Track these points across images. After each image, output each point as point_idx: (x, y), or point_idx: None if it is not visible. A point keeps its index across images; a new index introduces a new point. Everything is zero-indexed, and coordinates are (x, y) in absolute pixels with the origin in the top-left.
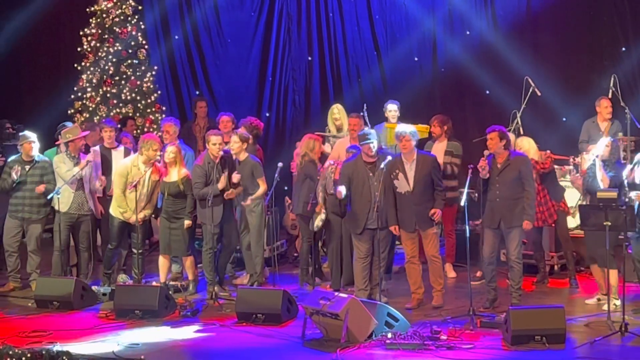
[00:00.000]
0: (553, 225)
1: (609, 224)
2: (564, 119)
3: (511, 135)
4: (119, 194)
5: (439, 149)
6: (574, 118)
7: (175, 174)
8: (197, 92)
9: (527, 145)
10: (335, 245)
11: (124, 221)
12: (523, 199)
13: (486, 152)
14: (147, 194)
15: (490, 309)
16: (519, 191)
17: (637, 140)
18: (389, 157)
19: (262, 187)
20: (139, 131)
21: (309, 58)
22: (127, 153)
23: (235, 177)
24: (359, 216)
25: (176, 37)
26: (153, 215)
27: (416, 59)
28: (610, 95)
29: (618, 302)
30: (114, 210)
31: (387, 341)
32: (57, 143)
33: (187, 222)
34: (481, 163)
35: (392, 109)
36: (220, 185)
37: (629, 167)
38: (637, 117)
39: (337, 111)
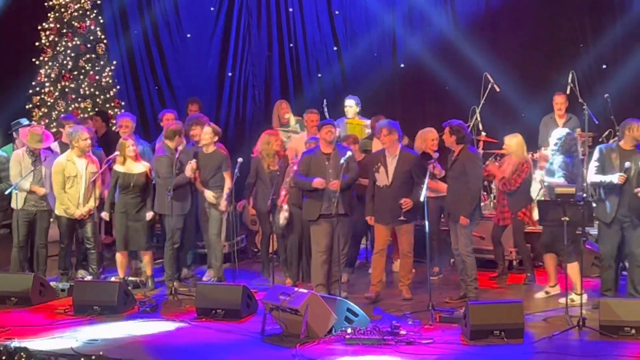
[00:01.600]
0: (509, 224)
1: (567, 219)
2: (523, 115)
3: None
4: (59, 192)
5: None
6: (533, 114)
7: (140, 166)
8: (156, 87)
9: (514, 146)
10: (295, 240)
11: (70, 218)
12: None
13: (435, 155)
14: (87, 187)
15: (460, 300)
16: (464, 186)
17: (594, 136)
18: (349, 153)
19: (229, 180)
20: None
21: (269, 53)
22: None
23: (193, 164)
24: (314, 203)
25: (135, 31)
26: (106, 214)
27: (376, 54)
28: (568, 92)
29: (577, 298)
30: (58, 209)
31: (347, 336)
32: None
33: (150, 214)
34: (430, 167)
35: (349, 104)
36: (189, 172)
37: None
38: (594, 113)
39: (285, 106)
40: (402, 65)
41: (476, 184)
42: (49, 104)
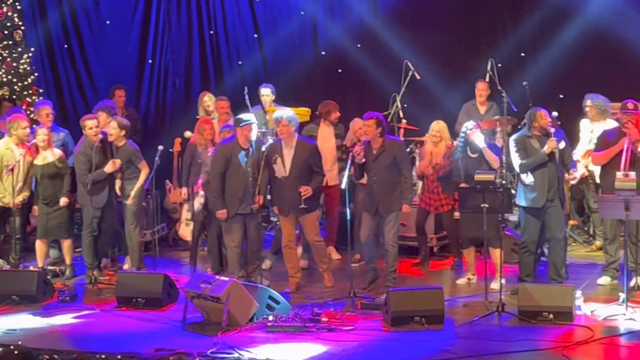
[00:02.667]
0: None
1: (487, 206)
2: (444, 102)
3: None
4: None
5: (326, 131)
6: (453, 101)
7: (49, 155)
8: (74, 75)
9: (445, 131)
10: (215, 229)
11: (2, 207)
12: (400, 183)
13: (362, 138)
14: (23, 176)
15: (369, 289)
16: (395, 176)
17: (513, 123)
18: (271, 140)
19: (145, 171)
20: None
21: (188, 41)
22: (1, 137)
23: (116, 162)
24: (232, 200)
25: (53, 17)
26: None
27: (297, 42)
28: (487, 79)
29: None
30: None
31: (269, 324)
32: None
33: (64, 200)
34: (356, 149)
35: (264, 93)
36: (108, 169)
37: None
38: (513, 100)
39: (207, 99)
40: (323, 53)
41: (411, 172)
42: None
